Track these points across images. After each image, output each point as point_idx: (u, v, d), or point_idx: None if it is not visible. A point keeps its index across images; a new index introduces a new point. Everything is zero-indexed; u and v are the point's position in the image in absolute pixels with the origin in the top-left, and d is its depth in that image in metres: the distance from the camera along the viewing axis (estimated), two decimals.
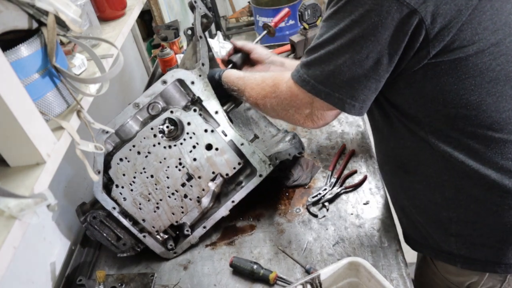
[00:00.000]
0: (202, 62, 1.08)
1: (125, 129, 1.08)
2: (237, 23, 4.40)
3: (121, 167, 1.06)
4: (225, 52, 1.88)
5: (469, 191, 0.85)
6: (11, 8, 0.67)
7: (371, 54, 0.76)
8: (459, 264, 0.92)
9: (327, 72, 0.81)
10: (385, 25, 0.73)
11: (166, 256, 1.18)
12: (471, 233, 0.88)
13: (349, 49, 0.77)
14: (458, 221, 0.89)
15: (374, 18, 0.73)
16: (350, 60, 0.77)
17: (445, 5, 0.71)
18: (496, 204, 0.84)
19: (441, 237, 0.93)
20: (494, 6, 0.74)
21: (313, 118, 0.90)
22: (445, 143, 0.83)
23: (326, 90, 0.83)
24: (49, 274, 1.11)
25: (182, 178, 1.11)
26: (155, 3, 2.47)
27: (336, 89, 0.82)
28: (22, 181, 0.66)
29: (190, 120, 1.07)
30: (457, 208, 0.88)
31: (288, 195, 1.28)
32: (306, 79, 0.85)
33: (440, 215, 0.91)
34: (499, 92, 0.77)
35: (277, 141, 1.28)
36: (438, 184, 0.89)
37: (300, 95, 0.88)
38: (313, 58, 0.84)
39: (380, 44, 0.75)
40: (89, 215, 1.08)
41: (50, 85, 0.76)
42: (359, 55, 0.76)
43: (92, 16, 1.08)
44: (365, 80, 0.79)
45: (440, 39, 0.73)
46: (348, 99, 0.82)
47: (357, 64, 0.78)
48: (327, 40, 0.80)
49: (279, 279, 1.04)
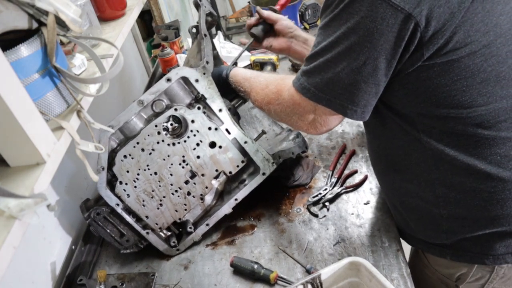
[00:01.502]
0: (206, 60, 1.08)
1: (130, 126, 1.08)
2: (237, 23, 4.40)
3: (125, 164, 1.07)
4: (226, 52, 1.88)
5: (460, 187, 0.87)
6: (11, 8, 0.67)
7: (368, 60, 0.77)
8: (449, 257, 0.95)
9: (327, 79, 0.82)
10: (381, 31, 0.73)
11: (169, 253, 1.18)
12: (461, 229, 0.91)
13: (346, 57, 0.78)
14: (449, 217, 0.91)
15: (370, 25, 0.73)
16: (348, 67, 0.78)
17: (438, 8, 0.72)
18: (485, 199, 0.86)
19: (432, 233, 0.97)
20: (485, 7, 0.74)
21: (316, 125, 0.91)
22: (436, 141, 0.85)
23: (327, 97, 0.84)
24: (50, 274, 1.12)
25: (186, 175, 1.11)
26: (155, 3, 2.47)
27: (337, 95, 0.83)
28: (22, 181, 0.66)
29: (194, 118, 1.07)
30: (448, 205, 0.90)
31: (289, 195, 1.28)
32: (307, 87, 0.86)
33: (431, 213, 0.93)
34: (490, 92, 0.78)
35: (280, 140, 1.29)
36: (429, 183, 0.90)
37: (302, 102, 0.89)
38: (312, 66, 0.85)
39: (377, 50, 0.75)
40: (92, 211, 1.08)
41: (50, 85, 0.76)
42: (356, 61, 0.77)
43: (92, 16, 1.08)
44: (364, 85, 0.80)
45: (434, 42, 0.74)
46: (350, 105, 0.83)
47: (355, 71, 0.78)
48: (325, 48, 0.81)
49: (279, 279, 1.04)
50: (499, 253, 0.89)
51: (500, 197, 0.85)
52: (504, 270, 0.92)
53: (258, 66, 1.82)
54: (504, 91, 0.79)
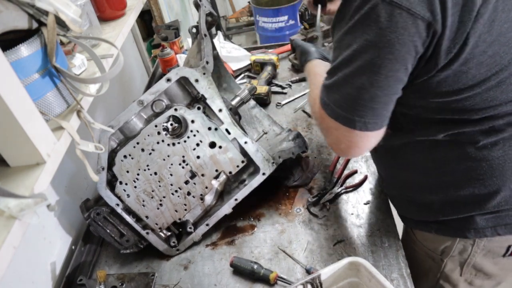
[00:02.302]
0: (206, 60, 1.08)
1: (129, 126, 1.08)
2: (237, 23, 4.41)
3: (125, 164, 1.07)
4: (225, 52, 1.88)
5: (451, 171, 0.90)
6: (11, 8, 0.67)
7: (390, 72, 0.74)
8: (433, 231, 1.01)
9: (346, 95, 0.79)
10: (402, 41, 0.70)
11: (169, 253, 1.18)
12: (450, 210, 0.95)
13: (366, 70, 0.75)
14: (440, 202, 0.96)
15: (390, 36, 0.70)
16: (368, 81, 0.75)
17: (451, 17, 0.71)
18: (473, 178, 0.89)
19: (423, 213, 1.02)
20: (490, 17, 0.74)
21: (341, 146, 0.86)
22: (431, 135, 0.88)
23: (345, 114, 0.80)
24: (50, 274, 1.12)
25: (186, 175, 1.12)
26: (155, 3, 2.48)
27: (356, 112, 0.79)
28: (22, 181, 0.66)
29: (194, 118, 1.07)
30: (440, 190, 0.95)
31: (289, 195, 1.28)
32: (326, 102, 0.83)
33: (425, 199, 0.99)
34: (491, 97, 0.79)
35: (280, 140, 1.29)
36: (423, 171, 0.95)
37: (326, 118, 0.85)
38: (332, 81, 0.81)
39: (398, 62, 0.73)
40: (92, 212, 1.08)
41: (50, 85, 0.76)
42: (377, 75, 0.74)
43: (92, 16, 1.08)
44: (385, 98, 0.78)
45: (447, 51, 0.73)
46: (372, 120, 0.79)
47: (375, 86, 0.75)
48: (343, 62, 0.78)
49: (279, 279, 1.04)
50: (479, 227, 0.93)
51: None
52: (484, 243, 0.96)
53: (258, 66, 1.82)
54: (504, 96, 0.79)
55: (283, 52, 1.97)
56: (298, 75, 1.79)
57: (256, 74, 1.82)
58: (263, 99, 1.63)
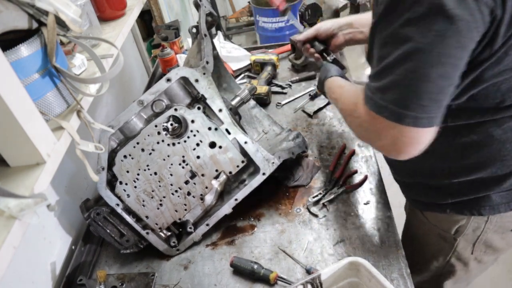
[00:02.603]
0: (206, 60, 1.08)
1: (130, 126, 1.08)
2: (237, 23, 4.40)
3: (125, 164, 1.07)
4: (226, 52, 1.88)
5: (476, 155, 0.91)
6: (11, 8, 0.67)
7: (457, 61, 0.72)
8: (448, 210, 1.02)
9: (411, 93, 0.74)
10: (469, 28, 0.68)
11: (169, 253, 1.18)
12: (468, 191, 0.97)
13: (434, 63, 0.71)
14: (457, 184, 0.97)
15: (458, 24, 0.67)
16: (437, 74, 0.72)
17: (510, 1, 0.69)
18: (496, 159, 0.90)
19: (439, 196, 1.03)
20: None
21: (399, 145, 0.81)
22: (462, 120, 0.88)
23: (412, 113, 0.75)
24: (50, 274, 1.12)
25: (186, 175, 1.12)
26: (155, 3, 2.48)
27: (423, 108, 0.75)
28: (22, 181, 0.66)
29: (194, 118, 1.07)
30: (457, 175, 0.96)
31: (289, 195, 1.28)
32: (383, 104, 0.77)
33: (443, 183, 1.00)
34: None
35: (280, 140, 1.28)
36: (445, 157, 0.95)
37: (380, 121, 0.80)
38: (388, 81, 0.76)
39: (465, 50, 0.71)
40: (92, 212, 1.08)
41: (50, 85, 0.76)
42: (445, 66, 0.71)
43: (92, 16, 1.08)
44: (449, 88, 0.75)
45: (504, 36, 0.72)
46: (438, 114, 0.76)
47: (444, 77, 0.72)
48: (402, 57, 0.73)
49: (279, 279, 1.04)
50: (494, 204, 0.96)
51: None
52: (496, 219, 0.99)
53: (258, 66, 1.82)
54: None
55: (283, 52, 1.96)
56: (298, 75, 1.79)
57: (256, 74, 1.82)
58: (263, 99, 1.63)
